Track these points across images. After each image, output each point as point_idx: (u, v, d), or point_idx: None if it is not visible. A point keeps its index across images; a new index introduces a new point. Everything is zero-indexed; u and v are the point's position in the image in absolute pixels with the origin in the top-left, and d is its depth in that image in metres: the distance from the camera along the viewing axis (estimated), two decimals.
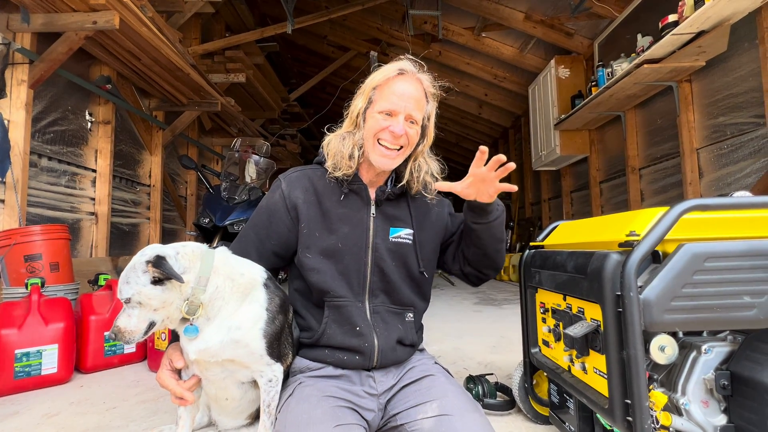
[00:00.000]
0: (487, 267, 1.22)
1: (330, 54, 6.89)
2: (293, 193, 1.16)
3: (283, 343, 1.08)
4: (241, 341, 1.00)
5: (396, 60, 1.15)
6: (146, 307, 0.96)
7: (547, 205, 5.98)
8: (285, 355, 1.09)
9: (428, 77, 1.16)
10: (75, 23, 2.57)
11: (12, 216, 2.51)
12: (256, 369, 1.04)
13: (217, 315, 1.00)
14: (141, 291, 0.94)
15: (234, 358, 1.01)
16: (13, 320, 1.77)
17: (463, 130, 8.32)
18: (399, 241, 1.16)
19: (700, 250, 0.83)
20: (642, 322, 0.82)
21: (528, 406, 1.36)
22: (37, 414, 1.50)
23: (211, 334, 1.00)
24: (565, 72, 4.58)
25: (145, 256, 0.96)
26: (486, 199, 1.07)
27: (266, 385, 1.04)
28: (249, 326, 1.01)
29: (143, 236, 4.24)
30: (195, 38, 4.81)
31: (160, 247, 0.99)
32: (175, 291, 0.97)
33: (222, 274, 1.01)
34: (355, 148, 1.13)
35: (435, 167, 1.21)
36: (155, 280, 0.94)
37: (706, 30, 2.62)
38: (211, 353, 1.00)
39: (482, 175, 1.01)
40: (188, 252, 1.00)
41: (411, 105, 1.09)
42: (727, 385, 0.86)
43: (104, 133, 3.54)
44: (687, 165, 3.14)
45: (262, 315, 1.03)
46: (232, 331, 1.00)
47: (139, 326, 0.96)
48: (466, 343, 2.43)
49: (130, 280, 0.95)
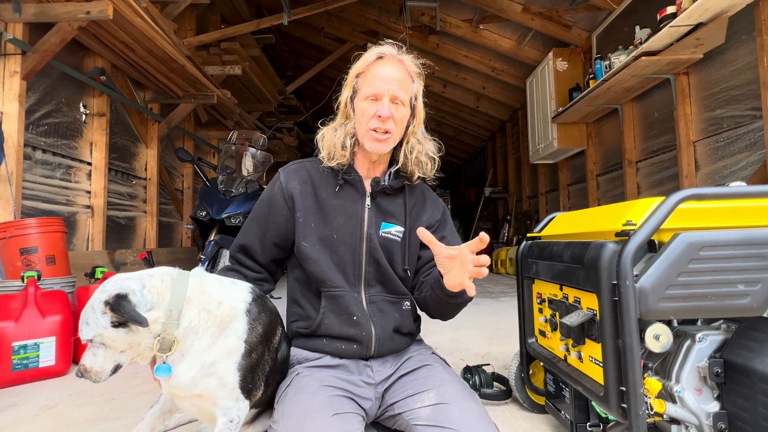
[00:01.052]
0: (435, 315, 1.19)
1: (327, 46, 6.83)
2: (290, 184, 1.17)
3: (257, 374, 0.99)
4: (214, 374, 0.92)
5: (375, 45, 1.15)
6: (111, 348, 0.88)
7: (544, 198, 6.00)
8: (257, 389, 1.00)
9: (410, 57, 1.16)
10: (67, 13, 2.53)
11: (7, 209, 2.49)
12: (222, 405, 0.93)
13: (190, 350, 0.91)
14: (102, 333, 0.86)
15: (203, 393, 0.93)
16: (9, 313, 1.77)
17: (460, 123, 8.31)
18: (388, 237, 1.16)
19: (696, 239, 0.84)
20: (637, 310, 0.83)
21: (524, 396, 1.37)
22: (35, 405, 1.51)
23: (183, 371, 0.91)
24: (563, 65, 4.57)
25: (105, 293, 0.86)
26: (450, 284, 0.98)
27: (224, 426, 0.92)
28: (224, 360, 0.93)
29: (140, 229, 4.23)
30: (190, 29, 4.75)
31: (122, 281, 0.88)
32: (141, 332, 0.87)
33: (196, 306, 0.92)
34: (347, 138, 1.14)
35: (430, 147, 1.19)
36: (115, 324, 0.85)
37: (704, 22, 2.61)
38: (181, 389, 0.93)
39: (466, 259, 0.93)
40: (156, 284, 0.90)
41: (395, 86, 1.09)
42: (721, 373, 0.87)
43: (99, 125, 3.51)
44: (683, 158, 3.15)
45: (239, 348, 0.95)
46: (205, 368, 0.92)
47: (104, 367, 0.88)
48: (464, 335, 2.44)
49: (89, 320, 0.85)
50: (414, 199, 1.22)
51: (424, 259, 1.20)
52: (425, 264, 1.19)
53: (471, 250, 0.92)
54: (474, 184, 9.43)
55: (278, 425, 0.95)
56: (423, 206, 1.22)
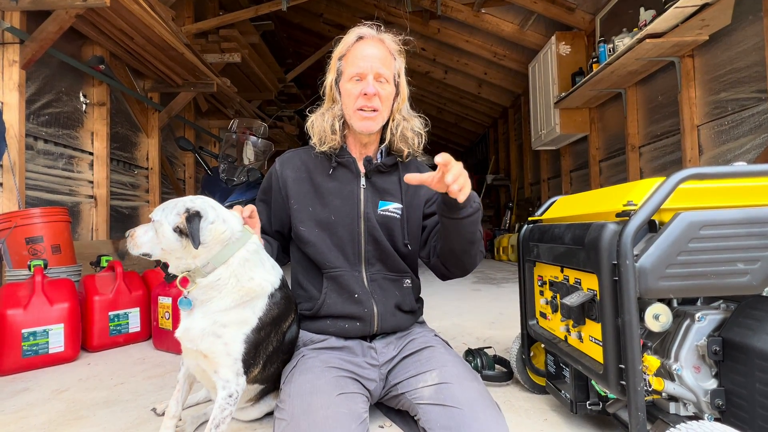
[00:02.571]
0: (453, 266, 1.16)
1: (326, 33, 6.74)
2: (284, 172, 1.21)
3: (260, 352, 1.03)
4: (222, 337, 0.97)
5: (355, 27, 1.17)
6: (158, 237, 0.97)
7: (547, 184, 5.98)
8: (255, 366, 1.03)
9: (390, 36, 1.18)
10: (64, 1, 2.50)
11: (11, 199, 2.51)
12: (222, 375, 0.97)
13: (209, 303, 0.98)
14: (163, 224, 0.96)
15: (208, 354, 0.97)
16: (18, 300, 1.80)
17: (462, 110, 8.23)
18: (387, 215, 1.18)
19: (696, 218, 0.84)
20: (637, 289, 0.84)
21: (525, 377, 1.40)
22: (47, 390, 1.54)
23: (198, 318, 0.98)
24: (565, 48, 4.50)
25: (192, 205, 0.97)
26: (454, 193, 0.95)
27: (224, 400, 0.96)
28: (235, 327, 0.99)
29: (143, 219, 4.25)
30: (188, 17, 4.69)
31: (209, 206, 0.99)
32: (185, 250, 0.96)
33: (231, 270, 0.99)
34: (336, 121, 1.16)
35: (416, 123, 1.21)
36: (177, 228, 0.95)
37: (710, 2, 2.56)
38: (190, 337, 0.98)
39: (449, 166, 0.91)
40: (220, 230, 0.98)
41: (377, 64, 1.11)
42: (719, 351, 0.88)
43: (99, 115, 3.50)
44: (687, 142, 3.13)
45: (252, 322, 1.01)
46: (216, 327, 0.97)
47: (143, 244, 0.99)
48: (466, 320, 2.47)
49: (165, 209, 0.98)
50: (409, 172, 1.23)
51: (430, 227, 1.22)
52: (432, 229, 1.21)
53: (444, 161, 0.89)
54: (476, 172, 9.39)
55: (285, 404, 0.98)
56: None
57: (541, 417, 1.22)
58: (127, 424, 1.24)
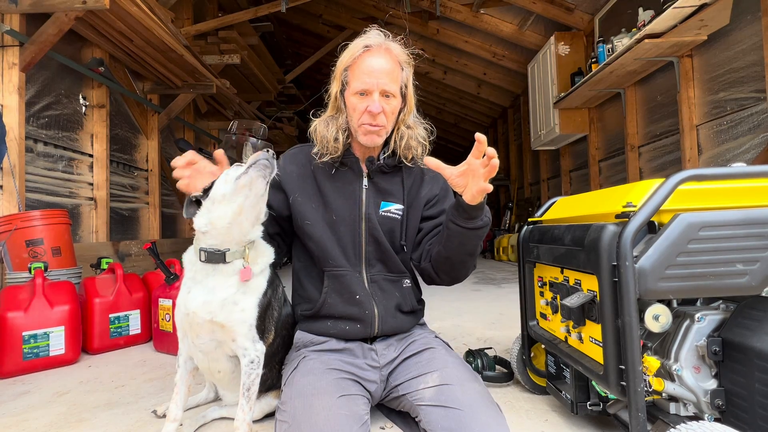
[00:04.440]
0: (444, 273, 1.15)
1: (325, 33, 6.74)
2: (288, 168, 1.20)
3: (268, 318, 1.12)
4: (239, 304, 1.04)
5: (362, 34, 1.14)
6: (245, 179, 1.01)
7: (546, 184, 5.99)
8: (268, 332, 1.12)
9: (398, 45, 1.14)
10: (64, 3, 2.50)
11: (11, 201, 2.51)
12: (240, 344, 1.04)
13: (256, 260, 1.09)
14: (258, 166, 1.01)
15: (226, 323, 1.02)
16: (18, 303, 1.80)
17: (461, 110, 8.24)
18: (388, 216, 1.18)
19: (696, 219, 0.85)
20: (637, 290, 0.84)
21: (526, 378, 1.40)
22: (48, 392, 1.54)
23: (225, 286, 1.03)
24: (565, 49, 4.51)
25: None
26: (470, 195, 0.98)
27: (247, 367, 1.04)
28: (251, 294, 1.06)
29: (143, 221, 4.25)
30: (187, 18, 4.70)
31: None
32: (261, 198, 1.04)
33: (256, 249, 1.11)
34: (339, 132, 1.14)
35: (420, 132, 1.19)
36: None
37: (709, 2, 2.57)
38: (210, 309, 1.02)
39: (476, 167, 0.95)
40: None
41: (384, 80, 1.08)
42: (719, 351, 0.89)
43: (99, 117, 3.50)
44: (686, 142, 3.13)
45: (263, 286, 1.09)
46: (238, 294, 1.04)
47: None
48: (466, 321, 2.47)
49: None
50: (412, 177, 1.23)
51: (426, 229, 1.21)
52: (429, 232, 1.20)
53: (475, 156, 0.95)
54: None
55: (286, 406, 0.98)
56: (421, 183, 1.24)
57: (541, 418, 1.22)
58: (128, 426, 1.24)
